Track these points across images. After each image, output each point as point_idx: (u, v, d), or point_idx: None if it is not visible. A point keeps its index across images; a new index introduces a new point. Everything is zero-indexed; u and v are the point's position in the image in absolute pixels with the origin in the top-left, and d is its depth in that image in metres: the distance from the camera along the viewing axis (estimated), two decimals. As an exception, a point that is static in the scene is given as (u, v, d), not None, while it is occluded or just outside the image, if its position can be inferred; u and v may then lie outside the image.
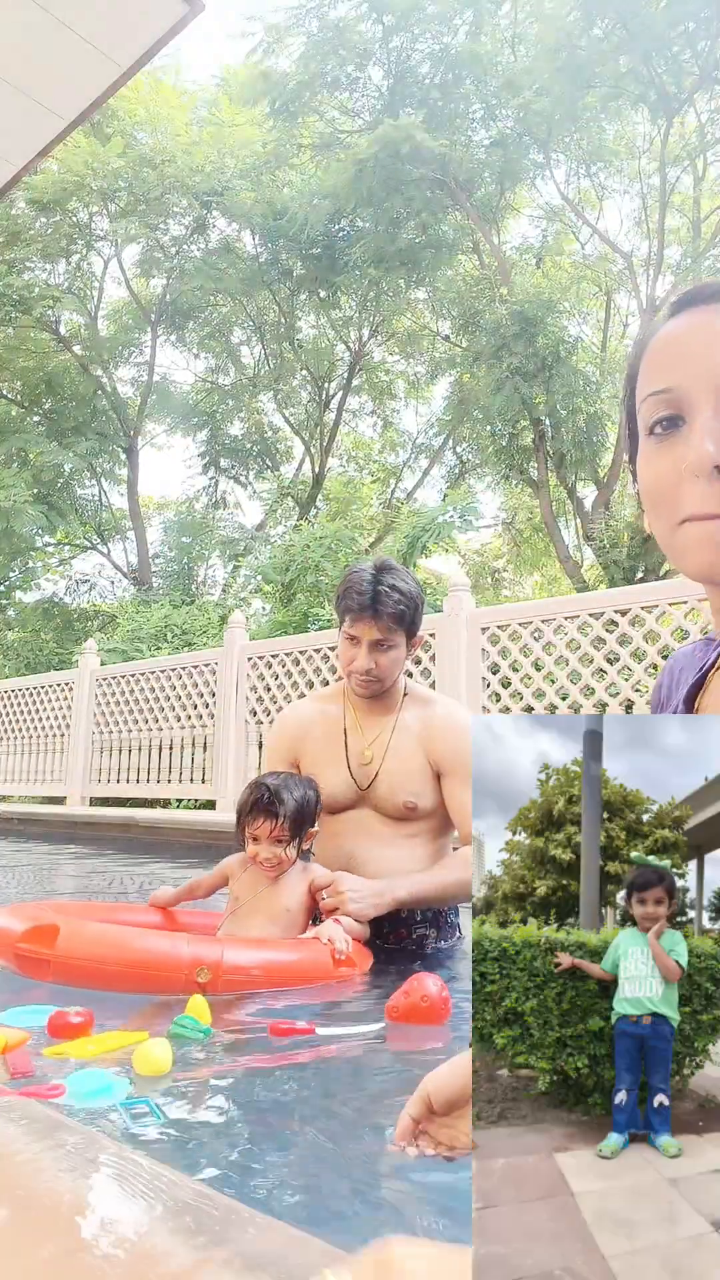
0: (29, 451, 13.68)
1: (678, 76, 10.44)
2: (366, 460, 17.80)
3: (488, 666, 5.09)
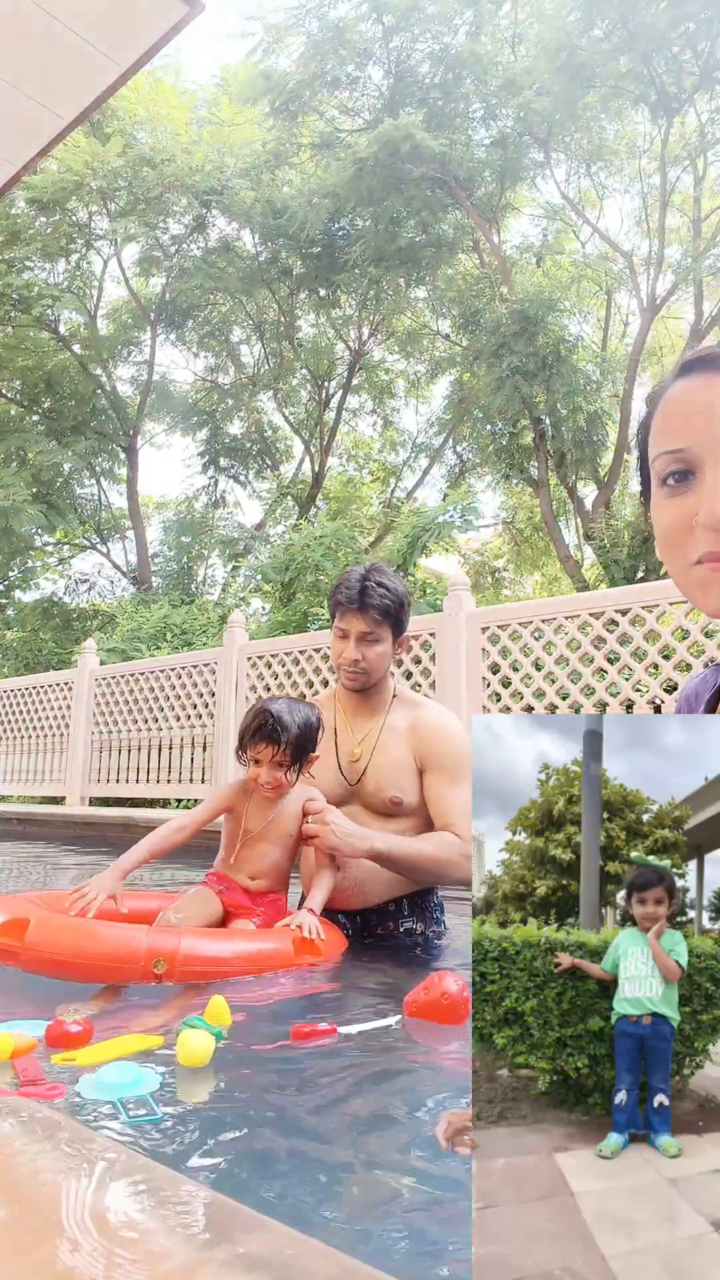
0: (28, 451, 13.67)
1: (678, 76, 10.44)
2: (366, 459, 17.80)
3: (488, 666, 5.09)
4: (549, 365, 10.45)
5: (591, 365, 11.24)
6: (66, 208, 12.84)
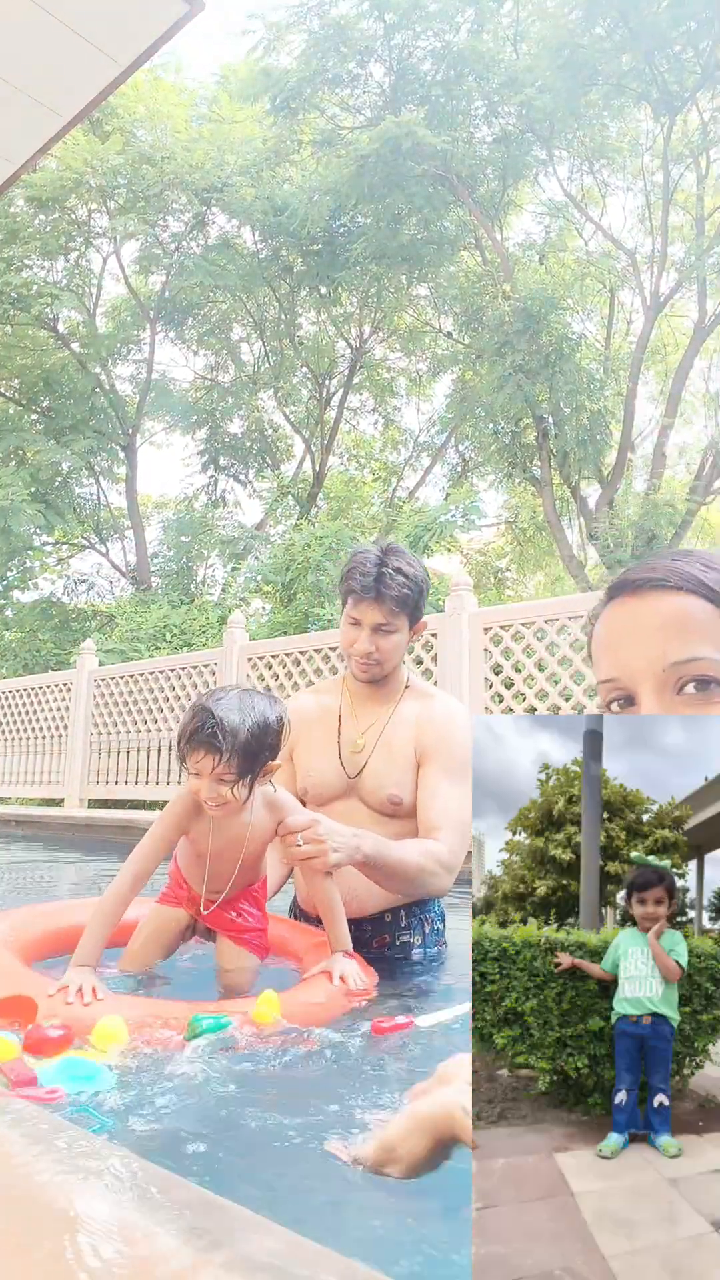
0: (26, 450, 13.66)
1: (680, 75, 10.45)
2: (367, 458, 17.79)
3: (490, 667, 5.09)
4: (552, 363, 10.45)
5: (594, 363, 11.23)
6: (66, 205, 12.84)
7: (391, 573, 1.89)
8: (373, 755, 1.94)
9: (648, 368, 13.64)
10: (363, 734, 1.97)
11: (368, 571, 1.90)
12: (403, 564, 1.92)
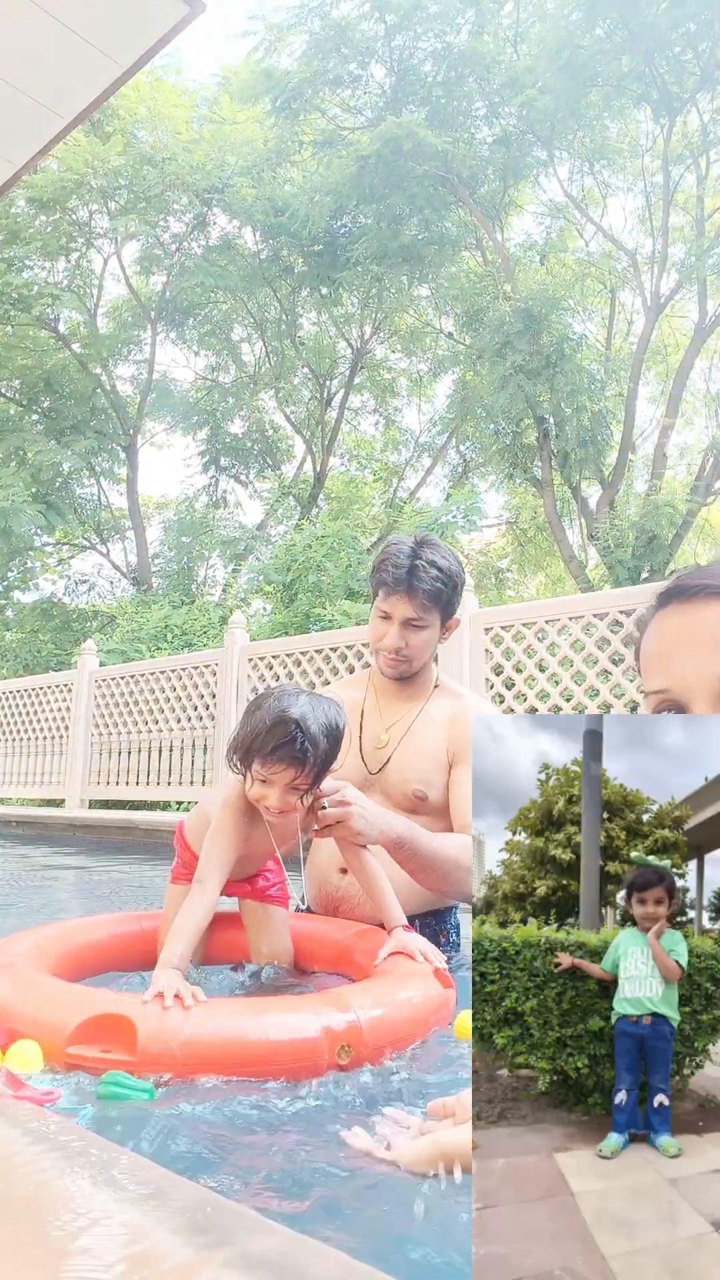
0: (27, 450, 13.67)
1: (680, 76, 10.46)
2: (368, 459, 17.79)
3: (491, 668, 5.09)
4: (553, 364, 10.45)
5: (595, 364, 11.23)
6: (66, 206, 12.86)
7: (425, 565, 1.81)
8: (397, 752, 1.88)
9: (648, 368, 13.64)
10: (387, 730, 1.91)
11: (400, 563, 1.82)
12: (437, 556, 1.84)
